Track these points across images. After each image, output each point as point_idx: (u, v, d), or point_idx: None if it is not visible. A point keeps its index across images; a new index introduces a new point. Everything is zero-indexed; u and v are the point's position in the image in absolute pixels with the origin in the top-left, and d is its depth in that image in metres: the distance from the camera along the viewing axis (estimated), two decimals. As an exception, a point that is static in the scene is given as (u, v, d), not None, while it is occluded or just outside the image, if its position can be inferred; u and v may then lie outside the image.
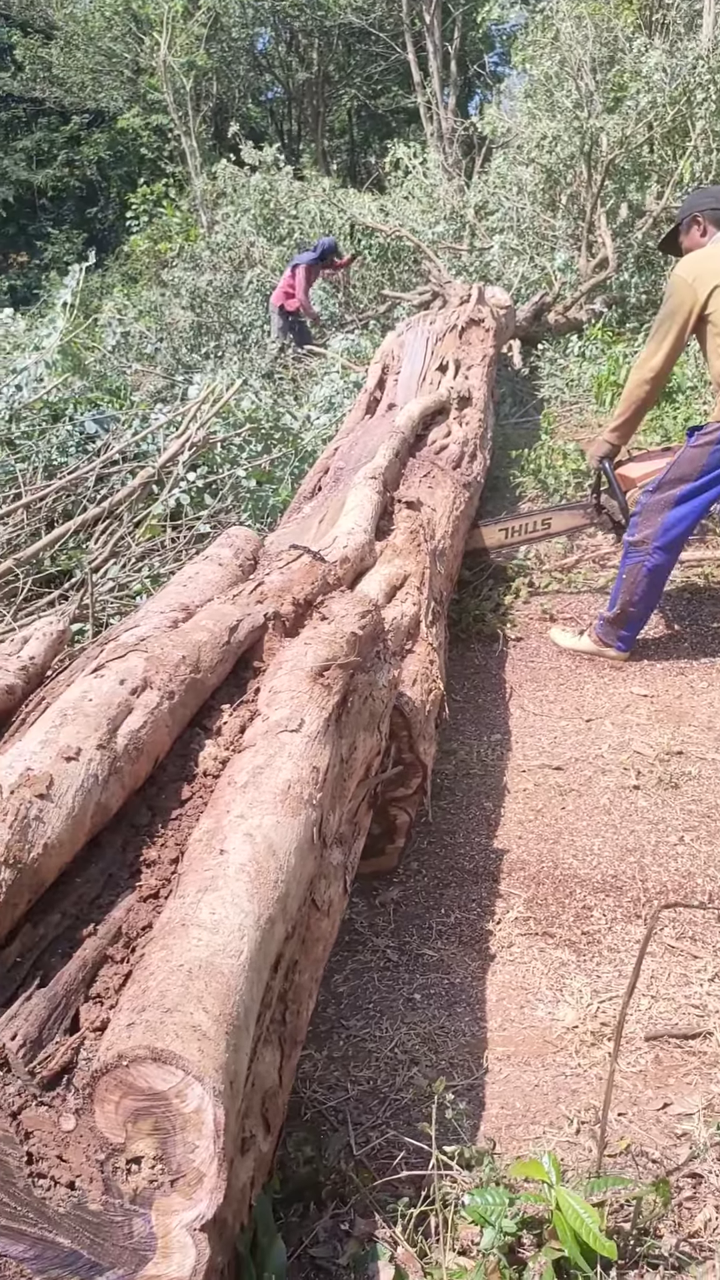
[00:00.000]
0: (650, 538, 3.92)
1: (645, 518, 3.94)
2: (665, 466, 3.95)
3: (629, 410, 4.13)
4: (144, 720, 1.89)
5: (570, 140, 10.43)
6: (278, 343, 10.23)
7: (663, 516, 3.88)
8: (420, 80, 20.14)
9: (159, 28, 15.43)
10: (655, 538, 3.90)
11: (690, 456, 3.83)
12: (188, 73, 15.01)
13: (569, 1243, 1.44)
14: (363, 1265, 1.52)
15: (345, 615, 2.56)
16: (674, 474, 3.88)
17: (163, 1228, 1.23)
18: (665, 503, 3.88)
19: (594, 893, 2.75)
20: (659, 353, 3.90)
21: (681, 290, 3.80)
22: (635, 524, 4.00)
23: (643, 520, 3.95)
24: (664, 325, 3.87)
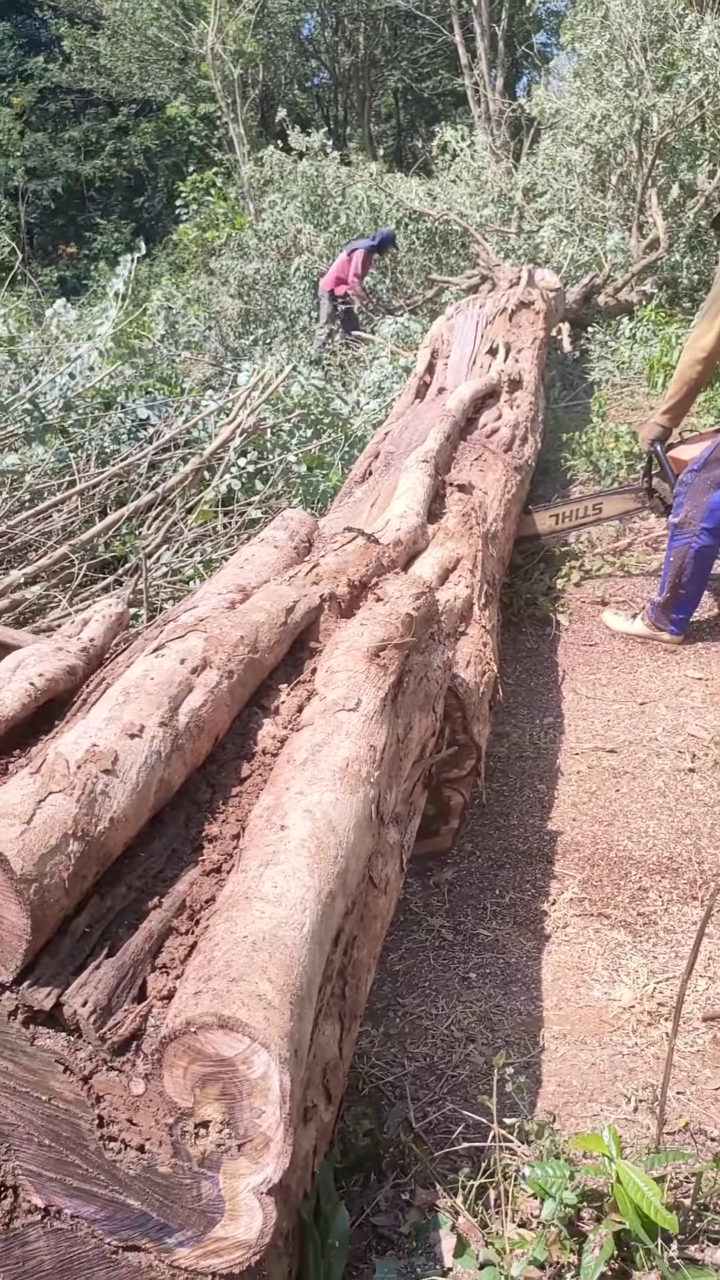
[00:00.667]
0: (695, 518, 3.88)
1: (689, 498, 3.91)
2: (711, 446, 3.91)
3: (680, 392, 4.09)
4: (204, 699, 1.92)
5: (620, 120, 10.30)
6: (325, 328, 10.23)
7: (708, 497, 3.85)
8: (468, 62, 19.97)
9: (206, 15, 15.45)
10: (700, 518, 3.87)
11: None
12: (236, 60, 15.01)
13: (630, 1215, 1.44)
14: (424, 1234, 1.53)
15: (400, 596, 2.58)
16: (718, 454, 3.84)
17: (230, 1191, 1.25)
18: (711, 483, 3.84)
19: (649, 874, 2.74)
20: (710, 332, 3.85)
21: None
22: (679, 504, 3.96)
23: (687, 500, 3.91)
24: (715, 304, 3.82)
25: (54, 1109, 1.31)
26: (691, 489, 3.90)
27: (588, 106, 10.73)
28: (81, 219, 25.40)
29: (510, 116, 17.55)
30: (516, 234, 11.07)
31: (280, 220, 12.10)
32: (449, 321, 6.42)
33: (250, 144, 16.24)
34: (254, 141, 16.87)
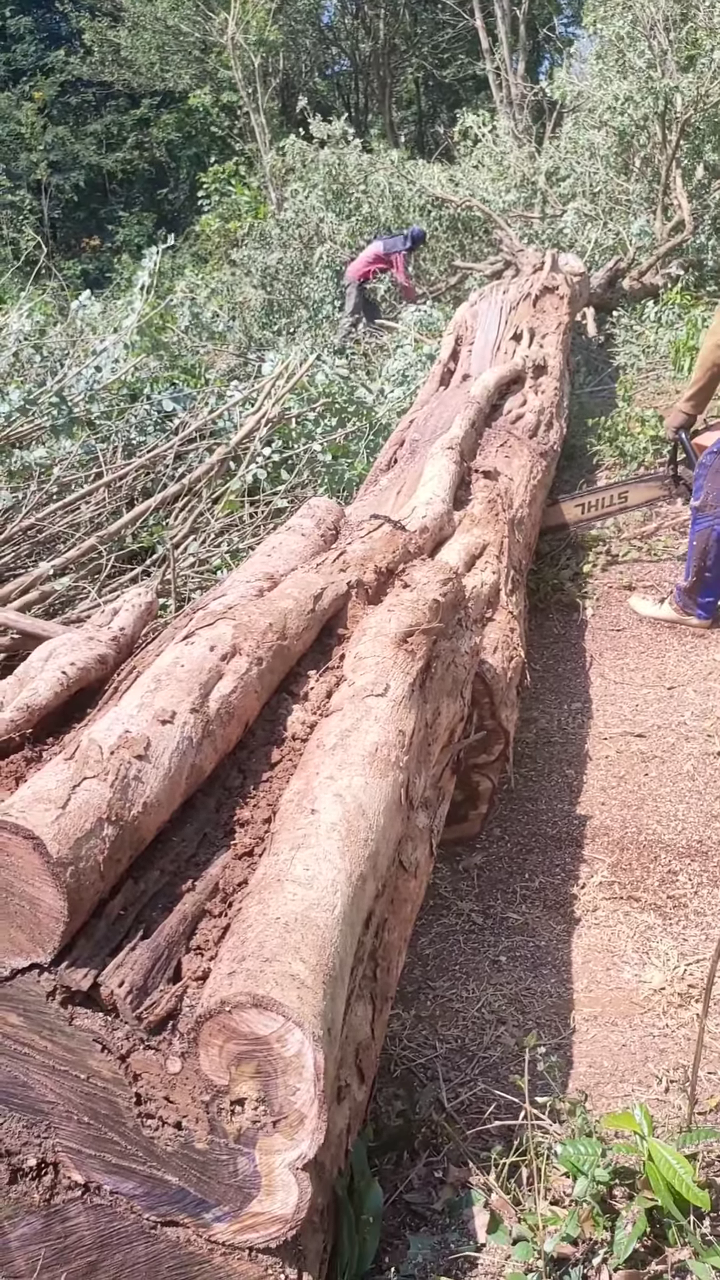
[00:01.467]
0: (716, 501, 3.87)
1: (710, 480, 3.90)
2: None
3: (704, 378, 4.07)
4: (234, 685, 1.94)
5: (643, 101, 10.20)
6: (350, 318, 10.22)
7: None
8: (488, 46, 19.82)
9: (227, 4, 15.43)
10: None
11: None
12: (257, 49, 14.99)
13: (662, 1192, 1.45)
14: (457, 1211, 1.55)
15: (427, 583, 2.58)
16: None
17: (266, 1166, 1.27)
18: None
19: (679, 858, 2.74)
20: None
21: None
22: (699, 488, 3.95)
23: (707, 483, 3.90)
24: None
25: (92, 1087, 1.33)
26: (711, 471, 3.89)
27: (610, 88, 10.63)
28: (104, 212, 25.46)
29: (532, 100, 17.42)
30: (540, 219, 11.00)
31: (302, 209, 12.07)
32: (472, 308, 6.40)
33: (271, 133, 16.22)
34: (275, 130, 16.83)
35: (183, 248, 19.44)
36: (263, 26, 16.36)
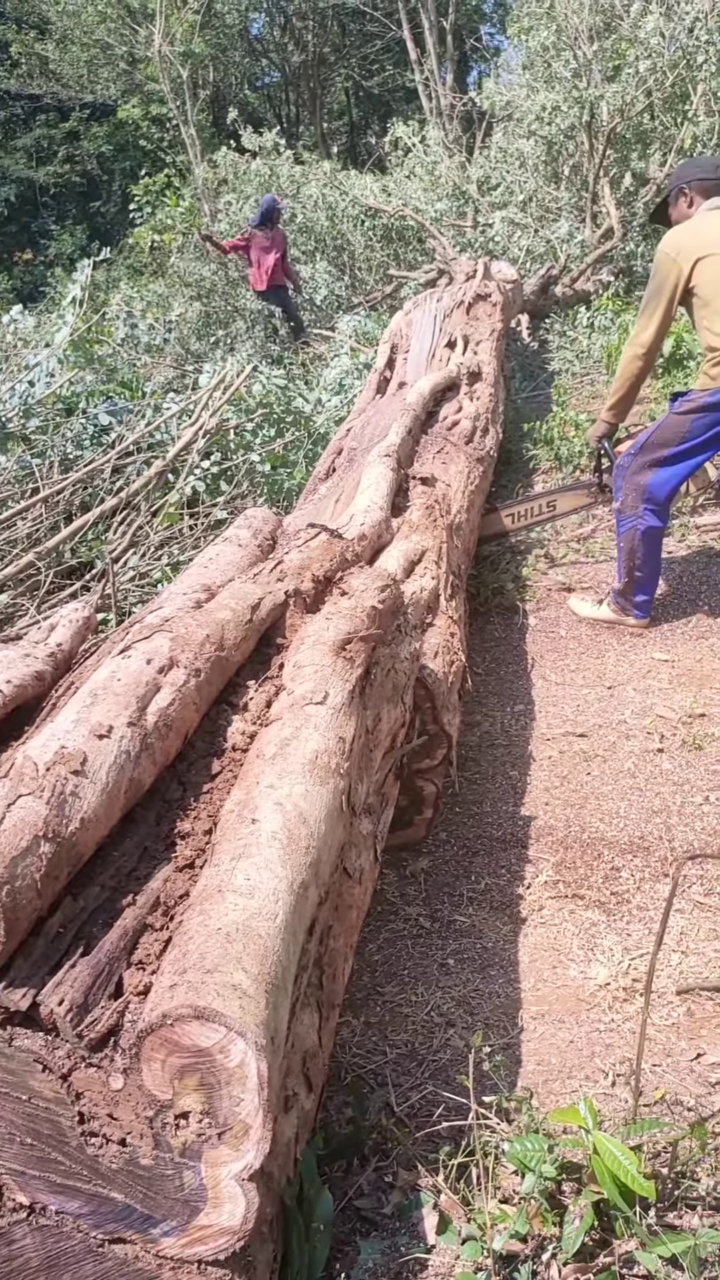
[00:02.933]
0: (634, 501, 3.95)
1: (627, 481, 3.98)
2: (647, 432, 3.97)
3: (624, 387, 4.15)
4: (172, 698, 1.93)
5: (570, 110, 10.36)
6: (285, 325, 10.23)
7: (646, 480, 3.92)
8: (417, 57, 20.00)
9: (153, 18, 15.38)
10: (640, 501, 3.94)
11: (672, 423, 3.86)
12: (184, 61, 14.97)
13: (608, 1185, 1.47)
14: (407, 1214, 1.56)
15: (365, 590, 2.59)
16: (656, 438, 3.91)
17: (212, 1179, 1.27)
18: (647, 465, 3.92)
19: (622, 854, 2.78)
20: (649, 328, 3.93)
21: (665, 265, 3.82)
22: (618, 490, 4.04)
23: (625, 485, 3.99)
24: (651, 300, 3.90)
25: (34, 1108, 1.32)
26: (628, 473, 3.98)
27: (537, 98, 10.79)
28: (36, 225, 25.21)
29: (462, 110, 17.60)
30: (473, 227, 11.11)
31: (236, 221, 12.08)
32: (407, 316, 6.45)
33: (203, 145, 16.20)
34: (207, 142, 16.81)
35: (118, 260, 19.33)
36: (189, 39, 16.34)
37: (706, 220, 3.86)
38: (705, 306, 3.76)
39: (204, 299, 11.57)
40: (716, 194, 3.95)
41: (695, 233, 3.82)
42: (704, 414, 3.77)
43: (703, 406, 3.76)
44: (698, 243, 3.77)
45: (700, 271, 3.74)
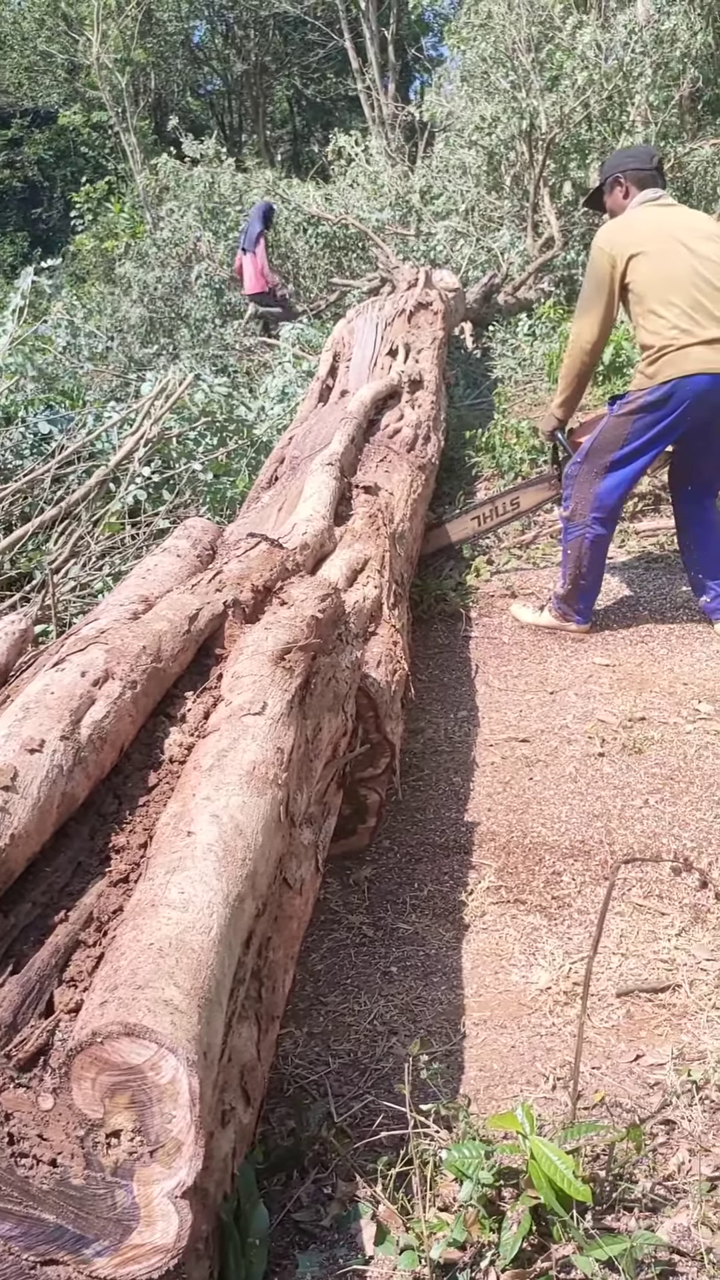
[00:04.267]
0: (584, 509, 3.99)
1: (576, 490, 4.01)
2: (592, 436, 4.01)
3: (570, 384, 4.18)
4: (107, 710, 1.92)
5: (509, 121, 10.46)
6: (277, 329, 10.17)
7: (594, 488, 3.95)
8: (359, 66, 20.08)
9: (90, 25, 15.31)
10: (590, 509, 3.97)
11: (613, 425, 3.89)
12: (123, 69, 14.90)
13: (544, 1190, 1.48)
14: (345, 1225, 1.55)
15: (305, 599, 2.59)
16: (599, 443, 3.93)
17: (145, 1197, 1.26)
18: (594, 473, 3.95)
19: (563, 858, 2.80)
20: (588, 325, 3.95)
21: (600, 260, 3.84)
22: (567, 498, 4.06)
23: (575, 493, 4.02)
24: (590, 298, 3.92)
25: (-37, 1130, 1.30)
26: (577, 481, 4.00)
27: (477, 109, 10.88)
28: (-24, 232, 24.92)
29: (404, 120, 17.70)
30: (415, 235, 11.17)
31: (179, 228, 12.04)
32: (349, 324, 6.46)
33: (145, 152, 16.13)
34: (149, 150, 16.74)
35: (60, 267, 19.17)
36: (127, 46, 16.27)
37: (640, 214, 3.88)
38: (639, 304, 3.79)
39: (147, 306, 11.50)
40: (651, 184, 3.97)
41: (628, 228, 3.84)
42: (643, 414, 3.79)
43: (641, 406, 3.79)
44: (631, 239, 3.79)
45: (634, 269, 3.76)
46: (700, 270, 3.71)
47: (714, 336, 3.69)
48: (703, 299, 3.69)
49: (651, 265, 3.73)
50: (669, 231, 3.77)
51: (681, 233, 3.77)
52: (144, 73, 18.44)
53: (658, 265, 3.73)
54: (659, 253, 3.73)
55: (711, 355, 3.68)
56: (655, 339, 3.74)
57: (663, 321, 3.71)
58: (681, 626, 4.17)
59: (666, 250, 3.73)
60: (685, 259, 3.72)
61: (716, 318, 3.69)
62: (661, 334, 3.72)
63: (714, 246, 3.76)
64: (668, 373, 3.71)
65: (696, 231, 3.79)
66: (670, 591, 4.45)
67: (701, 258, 3.72)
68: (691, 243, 3.74)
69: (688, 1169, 1.73)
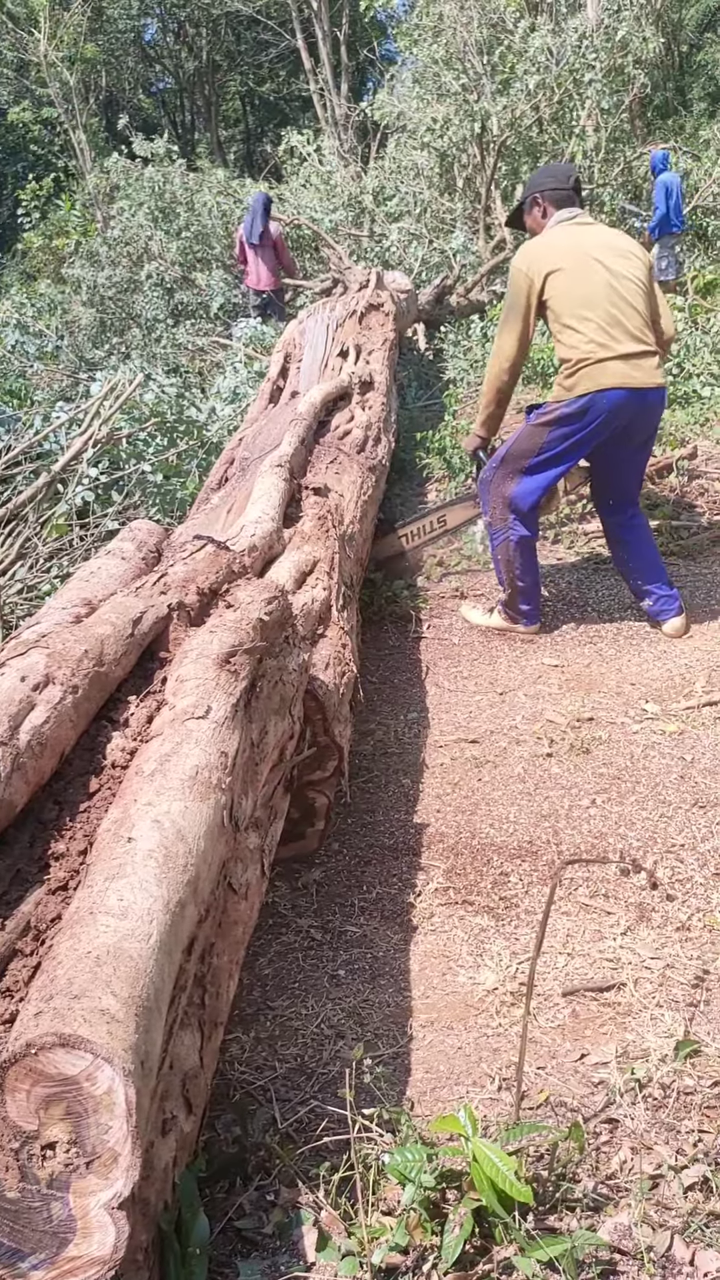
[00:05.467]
0: (503, 514, 4.05)
1: (491, 494, 4.09)
2: (506, 445, 4.06)
3: (492, 401, 4.24)
4: (47, 715, 1.89)
5: (461, 123, 10.51)
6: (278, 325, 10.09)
7: (509, 491, 4.02)
8: (311, 67, 20.07)
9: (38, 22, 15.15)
10: (508, 511, 4.02)
11: (529, 433, 3.96)
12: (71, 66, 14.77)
13: (486, 1191, 1.48)
14: (288, 1232, 1.55)
15: (251, 602, 2.58)
16: (514, 450, 4.00)
17: (81, 1209, 1.24)
18: (509, 477, 4.02)
19: (511, 859, 2.81)
20: (508, 341, 4.01)
21: (519, 280, 3.91)
22: (485, 506, 4.13)
23: (490, 497, 4.09)
24: (510, 315, 3.99)
25: None
26: (491, 486, 4.07)
27: (429, 111, 10.91)
28: None
29: (357, 121, 17.71)
30: (368, 237, 11.18)
31: (129, 227, 11.95)
32: (301, 325, 6.45)
33: (96, 150, 16.00)
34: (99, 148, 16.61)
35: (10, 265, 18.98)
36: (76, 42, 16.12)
37: (557, 233, 3.95)
38: (556, 320, 3.86)
39: (98, 305, 11.41)
40: (568, 203, 4.05)
41: (548, 246, 3.91)
42: (560, 425, 3.86)
43: (559, 418, 3.85)
44: (548, 257, 3.86)
45: (551, 285, 3.83)
46: (615, 286, 3.79)
47: (629, 351, 3.77)
48: (618, 314, 3.77)
49: (568, 281, 3.81)
50: (585, 249, 3.86)
51: (597, 250, 3.86)
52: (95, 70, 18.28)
53: (574, 282, 3.80)
54: (575, 269, 3.81)
55: (627, 370, 3.77)
56: (573, 353, 3.81)
57: (579, 336, 3.78)
58: (629, 627, 4.21)
59: (583, 267, 3.81)
60: (601, 275, 3.80)
61: (631, 333, 3.78)
62: (579, 348, 3.79)
63: (628, 263, 3.85)
64: (584, 386, 3.78)
65: (612, 249, 3.88)
66: (619, 593, 4.49)
67: (616, 274, 3.80)
68: (607, 260, 3.83)
69: (630, 1167, 1.75)
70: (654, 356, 3.86)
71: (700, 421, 6.02)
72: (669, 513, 5.08)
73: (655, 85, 11.60)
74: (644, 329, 3.84)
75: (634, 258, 3.90)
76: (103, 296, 11.36)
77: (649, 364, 3.82)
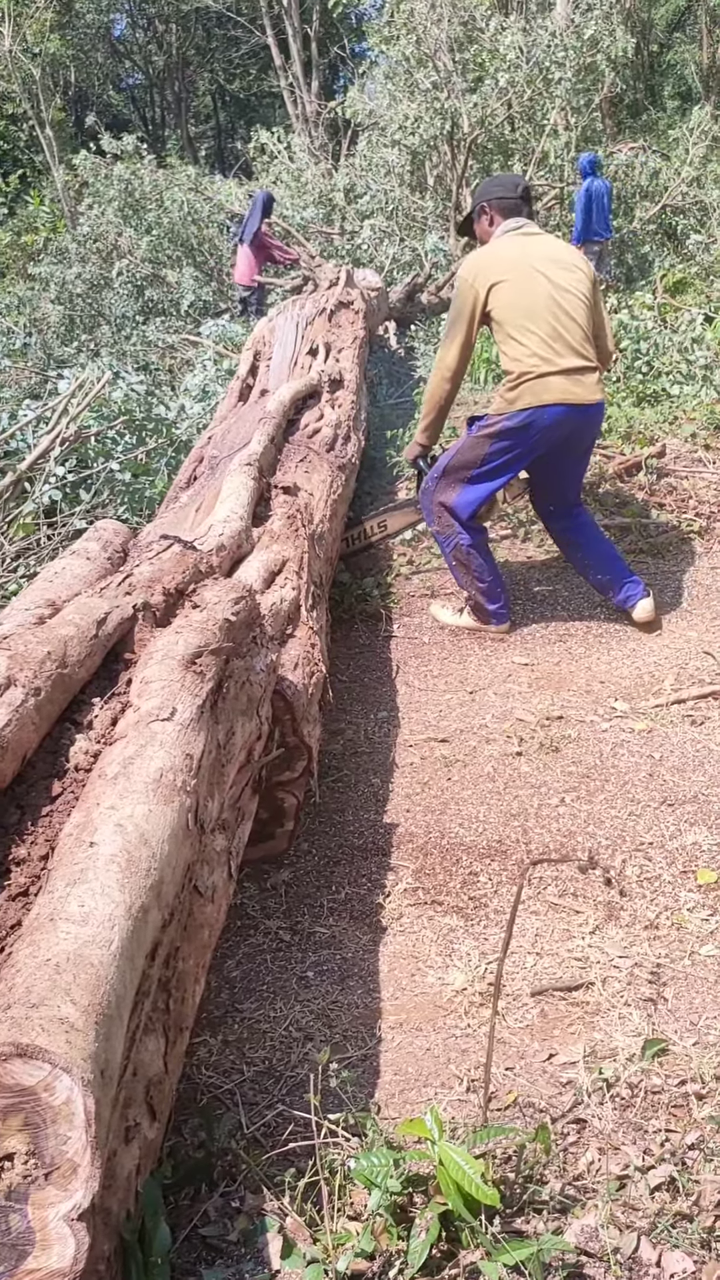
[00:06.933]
0: (448, 521, 4.07)
1: (434, 503, 4.10)
2: (449, 454, 4.07)
3: (433, 410, 4.25)
4: (8, 718, 1.87)
5: (432, 121, 10.50)
6: None
7: (449, 501, 4.06)
8: (282, 63, 20.02)
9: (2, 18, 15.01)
10: (454, 520, 4.04)
11: (471, 444, 3.99)
12: (36, 61, 14.64)
13: (452, 1195, 1.47)
14: (253, 1240, 1.53)
15: (218, 602, 2.56)
16: (456, 460, 4.03)
17: (40, 1221, 1.22)
18: (449, 487, 4.05)
19: (480, 858, 2.81)
20: (451, 352, 4.04)
21: (464, 291, 3.93)
22: (428, 512, 4.15)
23: (433, 507, 4.10)
24: (453, 326, 4.00)
25: None
26: (434, 495, 4.11)
27: (400, 108, 10.90)
28: None
29: (327, 118, 17.68)
30: (340, 234, 11.16)
31: (98, 224, 11.87)
32: (270, 323, 6.42)
33: (63, 146, 15.88)
34: (67, 144, 16.48)
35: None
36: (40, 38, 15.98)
37: (503, 244, 3.96)
38: (500, 330, 3.87)
39: (67, 302, 11.33)
40: (515, 214, 4.05)
41: (493, 257, 3.92)
42: (501, 439, 3.88)
43: (499, 432, 3.87)
44: (494, 268, 3.87)
45: (495, 297, 3.84)
46: (558, 300, 3.81)
47: (571, 366, 3.80)
48: (560, 329, 3.79)
49: (512, 293, 3.82)
50: (529, 261, 3.87)
51: (541, 263, 3.87)
52: (63, 66, 18.14)
53: (518, 294, 3.82)
54: (518, 281, 3.83)
55: (568, 386, 3.79)
56: (515, 365, 3.83)
57: (523, 349, 3.80)
58: (599, 625, 4.22)
59: (526, 279, 3.83)
60: (544, 289, 3.82)
61: (573, 348, 3.79)
62: (522, 361, 3.81)
63: (572, 277, 3.88)
64: (526, 400, 3.81)
65: (557, 262, 3.90)
66: (588, 591, 4.50)
67: (559, 288, 3.82)
68: (551, 273, 3.84)
69: (597, 1168, 1.74)
70: (594, 372, 3.88)
71: (669, 420, 6.04)
72: (637, 511, 5.09)
73: (626, 84, 11.63)
74: (585, 343, 3.86)
75: (577, 270, 3.92)
76: (72, 294, 11.29)
77: (590, 379, 3.84)
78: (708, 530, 4.97)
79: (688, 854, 2.74)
